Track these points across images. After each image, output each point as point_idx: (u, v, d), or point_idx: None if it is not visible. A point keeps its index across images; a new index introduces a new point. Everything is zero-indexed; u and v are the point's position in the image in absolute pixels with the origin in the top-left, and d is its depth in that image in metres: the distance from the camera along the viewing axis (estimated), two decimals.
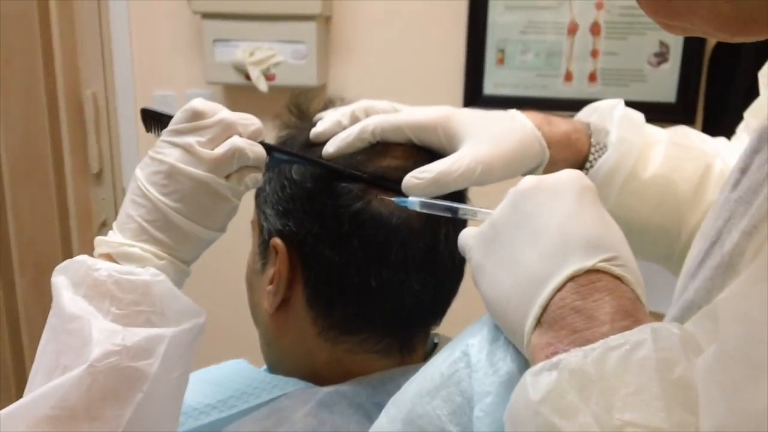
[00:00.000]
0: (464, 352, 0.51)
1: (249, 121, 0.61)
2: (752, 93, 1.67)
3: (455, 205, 0.60)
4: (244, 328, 0.88)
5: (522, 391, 0.42)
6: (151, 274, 0.56)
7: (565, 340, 0.43)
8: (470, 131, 0.65)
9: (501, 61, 1.90)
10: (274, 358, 0.71)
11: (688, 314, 0.49)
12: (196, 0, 1.89)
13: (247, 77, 1.92)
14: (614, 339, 0.40)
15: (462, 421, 0.49)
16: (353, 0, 1.93)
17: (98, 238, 0.59)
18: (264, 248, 0.67)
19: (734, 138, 0.79)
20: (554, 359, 0.41)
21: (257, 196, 0.70)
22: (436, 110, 0.67)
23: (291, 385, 0.65)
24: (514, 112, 0.70)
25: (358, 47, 1.97)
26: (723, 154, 0.75)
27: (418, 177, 0.61)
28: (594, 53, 1.85)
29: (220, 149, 0.58)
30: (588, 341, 0.42)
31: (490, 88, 1.92)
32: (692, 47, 1.77)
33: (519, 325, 0.47)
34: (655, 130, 0.77)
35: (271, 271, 0.66)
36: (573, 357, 0.40)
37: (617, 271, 0.45)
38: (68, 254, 2.08)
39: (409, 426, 0.50)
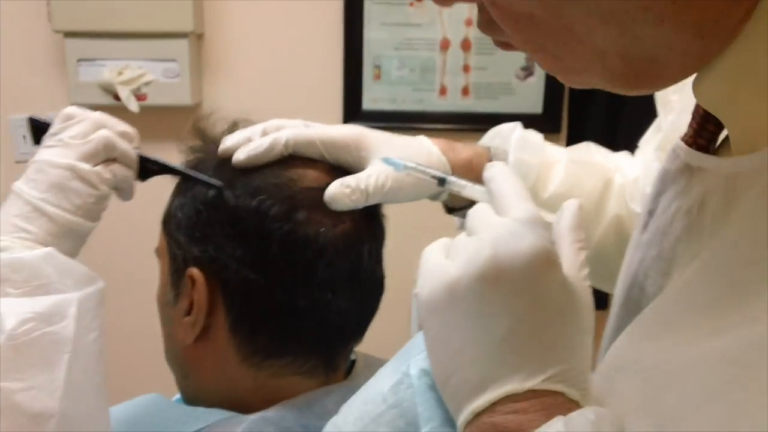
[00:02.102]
0: (405, 374, 0.51)
1: (121, 122, 0.66)
2: (612, 103, 1.79)
3: (442, 174, 0.61)
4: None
5: None
6: (41, 250, 0.57)
7: None
8: (381, 151, 0.66)
9: (378, 77, 1.93)
10: (192, 390, 0.68)
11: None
12: (57, 18, 1.79)
13: (116, 97, 1.84)
14: None
15: None
16: (226, 17, 1.90)
17: None
18: (177, 278, 0.65)
19: (637, 152, 0.84)
20: None
21: (166, 223, 0.67)
22: (350, 128, 0.68)
23: (213, 416, 0.62)
24: (421, 138, 0.72)
25: (233, 65, 1.94)
26: (623, 168, 0.79)
27: (345, 187, 0.62)
28: (466, 68, 1.92)
29: (88, 138, 0.62)
30: None
31: (368, 103, 1.95)
32: None
33: (454, 411, 0.47)
34: (554, 150, 0.80)
35: (185, 301, 0.63)
36: None
37: (558, 387, 0.44)
38: None
39: None
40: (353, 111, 1.93)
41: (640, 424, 0.39)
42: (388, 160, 0.62)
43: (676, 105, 0.68)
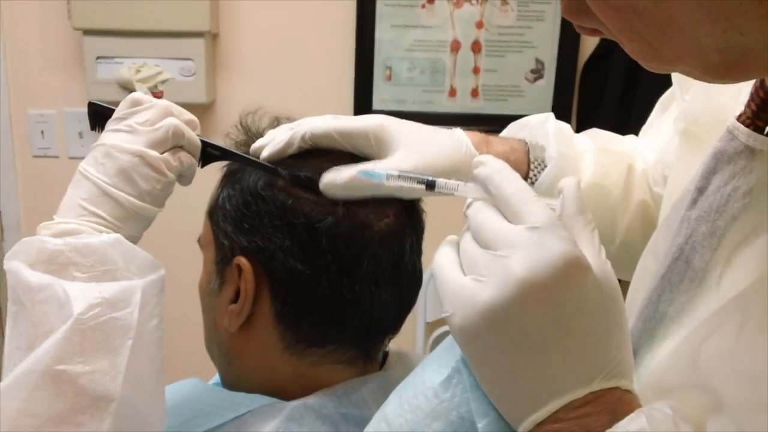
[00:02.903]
0: (456, 369, 0.52)
1: (185, 110, 0.66)
2: (621, 105, 1.82)
3: (430, 177, 0.58)
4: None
5: None
6: (108, 236, 0.58)
7: None
8: (402, 142, 0.66)
9: (388, 78, 1.97)
10: (234, 376, 0.71)
11: (659, 326, 0.54)
12: (77, 16, 1.83)
13: None
14: (614, 429, 0.44)
15: None
16: (240, 17, 1.94)
17: (41, 225, 0.61)
18: (222, 267, 0.67)
19: (642, 135, 0.86)
20: None
21: (212, 214, 0.70)
22: (370, 118, 0.67)
23: (256, 401, 0.65)
24: (457, 130, 0.72)
25: (247, 64, 1.98)
26: (641, 153, 0.81)
27: (335, 174, 0.62)
28: (475, 70, 1.95)
29: (157, 125, 0.62)
30: None
31: (378, 103, 1.98)
32: (565, 65, 1.91)
33: (511, 421, 0.49)
34: (579, 139, 0.81)
35: (231, 290, 0.66)
36: None
37: (613, 383, 0.46)
38: None
39: None
40: (363, 111, 1.97)
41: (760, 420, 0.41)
42: (366, 173, 0.60)
43: (693, 84, 0.68)
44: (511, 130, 0.82)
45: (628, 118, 1.76)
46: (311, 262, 0.63)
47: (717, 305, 0.49)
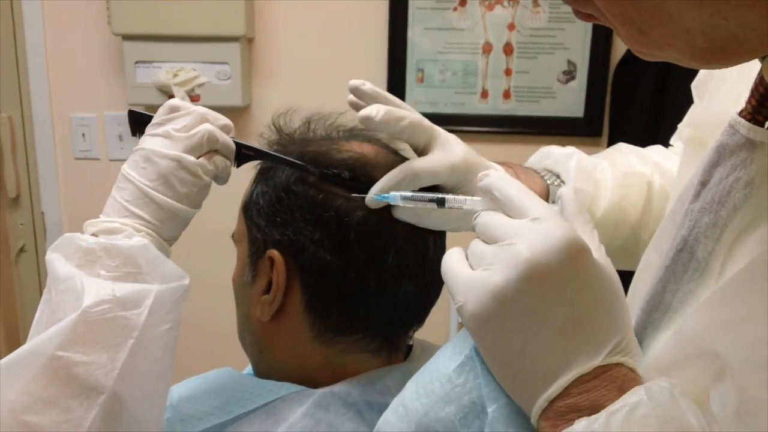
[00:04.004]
0: (468, 357, 0.55)
1: (220, 115, 0.69)
2: (653, 107, 1.82)
3: (440, 195, 0.63)
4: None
5: None
6: (136, 241, 0.62)
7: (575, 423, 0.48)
8: (451, 144, 0.71)
9: (421, 80, 1.99)
10: (266, 365, 0.73)
11: (663, 316, 0.56)
12: (117, 22, 1.88)
13: (171, 98, 1.92)
14: (614, 405, 0.46)
15: (474, 423, 0.53)
16: (275, 21, 1.98)
17: (87, 222, 0.65)
18: (255, 259, 0.70)
19: (672, 148, 0.88)
20: (565, 431, 0.47)
21: (246, 210, 0.73)
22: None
23: (284, 389, 0.68)
24: (492, 164, 0.74)
25: (282, 67, 2.01)
26: (661, 165, 0.84)
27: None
28: (507, 72, 1.96)
29: (192, 132, 0.65)
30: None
31: (410, 105, 1.99)
32: (597, 66, 1.91)
33: (525, 403, 0.51)
34: (600, 165, 0.84)
35: (263, 281, 0.69)
36: (579, 426, 0.47)
37: (618, 359, 0.49)
38: None
39: (424, 429, 0.54)
40: None
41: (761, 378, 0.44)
42: (382, 197, 0.64)
43: (706, 92, 0.72)
44: (537, 158, 0.86)
45: (660, 119, 1.75)
46: (340, 254, 0.66)
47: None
